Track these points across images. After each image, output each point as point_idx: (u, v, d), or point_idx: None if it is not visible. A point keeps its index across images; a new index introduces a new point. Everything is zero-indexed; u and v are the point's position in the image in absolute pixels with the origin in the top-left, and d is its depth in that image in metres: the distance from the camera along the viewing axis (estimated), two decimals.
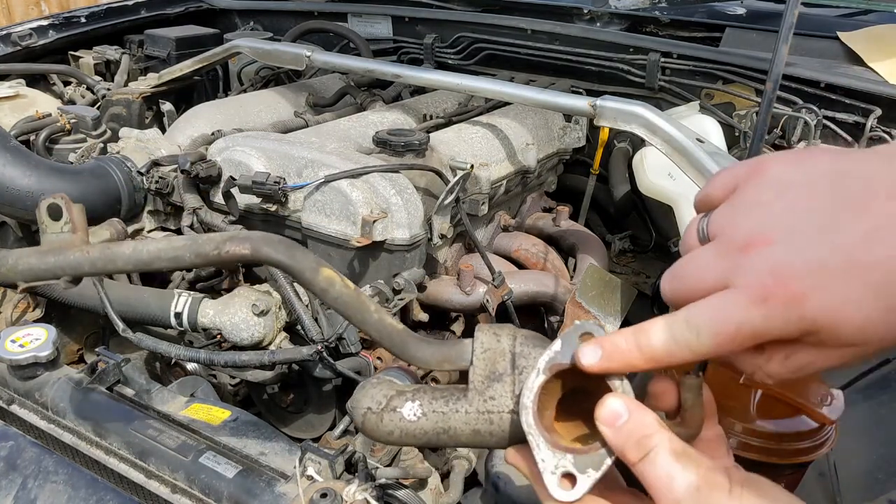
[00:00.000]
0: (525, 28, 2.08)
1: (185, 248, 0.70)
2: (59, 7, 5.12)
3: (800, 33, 1.86)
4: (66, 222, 0.75)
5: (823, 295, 0.43)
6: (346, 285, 0.67)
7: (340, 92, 2.01)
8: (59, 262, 0.73)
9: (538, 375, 0.52)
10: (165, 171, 1.58)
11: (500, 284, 1.47)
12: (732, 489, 0.46)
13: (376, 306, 0.66)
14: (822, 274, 0.43)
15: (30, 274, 0.74)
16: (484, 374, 0.57)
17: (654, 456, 0.48)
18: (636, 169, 1.76)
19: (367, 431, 0.59)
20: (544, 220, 1.82)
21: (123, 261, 0.72)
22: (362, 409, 0.60)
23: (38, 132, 1.85)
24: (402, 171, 1.44)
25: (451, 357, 0.61)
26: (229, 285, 1.51)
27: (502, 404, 0.56)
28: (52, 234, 0.75)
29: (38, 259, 0.73)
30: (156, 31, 2.38)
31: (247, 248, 0.68)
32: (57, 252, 0.74)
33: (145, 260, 0.71)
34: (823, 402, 0.74)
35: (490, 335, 0.58)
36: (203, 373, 1.52)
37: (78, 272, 0.74)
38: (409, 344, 0.64)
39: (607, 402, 0.50)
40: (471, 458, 1.21)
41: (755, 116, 1.72)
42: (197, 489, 0.95)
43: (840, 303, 0.43)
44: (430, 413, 0.57)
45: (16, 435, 1.07)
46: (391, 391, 0.60)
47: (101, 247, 0.73)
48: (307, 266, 0.68)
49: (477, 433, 0.56)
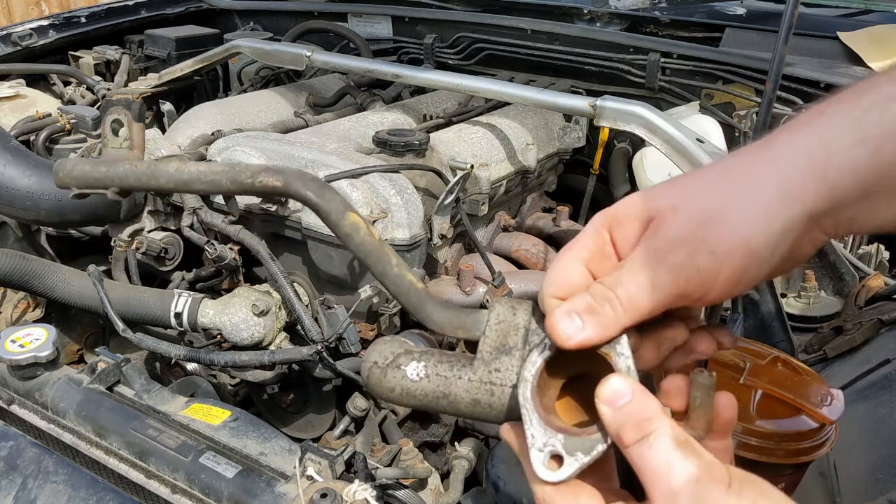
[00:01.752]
0: (525, 28, 2.08)
1: (222, 174, 0.72)
2: (59, 7, 5.12)
3: (800, 33, 1.86)
4: (126, 139, 0.78)
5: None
6: (370, 233, 0.67)
7: (340, 92, 2.01)
8: (109, 173, 0.76)
9: (543, 351, 0.52)
10: None
11: (500, 284, 1.47)
12: (732, 484, 0.45)
13: (398, 259, 0.66)
14: None
15: (83, 181, 0.77)
16: (494, 346, 0.56)
17: (653, 440, 0.46)
18: (636, 169, 1.76)
19: (370, 385, 0.60)
20: (544, 220, 1.82)
21: (166, 178, 0.74)
22: (369, 362, 0.60)
23: (38, 132, 1.85)
24: (402, 171, 1.44)
25: (466, 324, 0.60)
26: (229, 285, 1.51)
27: (506, 377, 0.55)
28: (112, 149, 0.78)
29: (92, 167, 0.77)
30: (156, 31, 2.38)
31: (279, 181, 0.70)
32: (109, 163, 0.76)
33: (185, 180, 0.73)
34: (823, 402, 0.74)
35: (507, 308, 0.57)
36: (203, 373, 1.52)
37: (125, 184, 0.76)
38: (427, 304, 0.63)
39: (610, 381, 0.49)
40: (471, 458, 1.21)
41: (755, 116, 1.72)
42: (197, 489, 0.95)
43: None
44: (433, 375, 0.57)
45: (16, 435, 1.07)
46: (399, 349, 0.60)
47: (148, 162, 0.76)
48: (334, 207, 0.68)
49: (476, 403, 0.56)
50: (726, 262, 0.49)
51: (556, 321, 0.51)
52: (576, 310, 0.51)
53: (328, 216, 0.68)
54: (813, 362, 1.24)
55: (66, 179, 0.78)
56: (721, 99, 1.84)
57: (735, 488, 0.45)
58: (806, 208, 0.49)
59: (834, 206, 0.49)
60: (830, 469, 0.88)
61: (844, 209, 0.50)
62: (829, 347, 1.24)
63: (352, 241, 0.67)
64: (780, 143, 0.51)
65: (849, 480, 0.86)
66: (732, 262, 0.49)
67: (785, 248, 0.50)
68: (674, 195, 0.52)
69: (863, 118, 0.48)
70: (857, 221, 0.51)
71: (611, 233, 0.53)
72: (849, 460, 0.89)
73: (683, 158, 1.34)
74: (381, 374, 0.59)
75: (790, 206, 0.49)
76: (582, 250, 0.54)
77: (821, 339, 1.28)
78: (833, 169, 0.48)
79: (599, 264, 0.53)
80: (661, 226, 0.51)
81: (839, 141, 0.49)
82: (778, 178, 0.49)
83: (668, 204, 0.51)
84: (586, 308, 0.50)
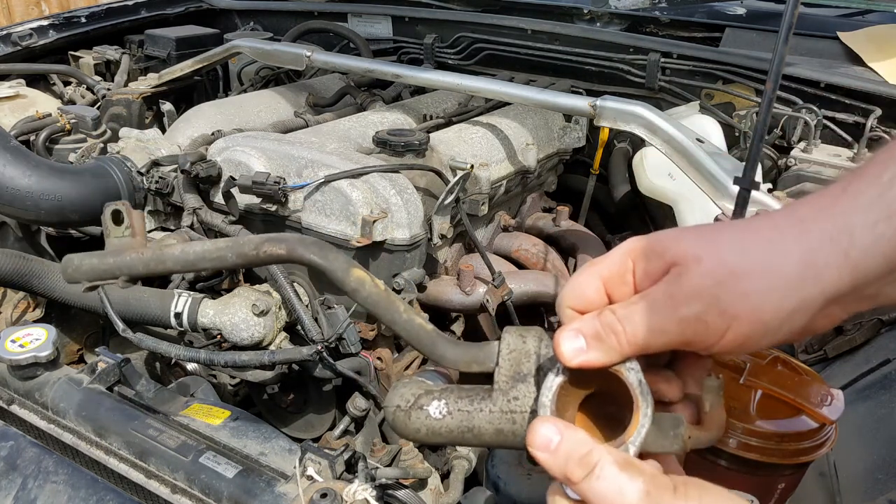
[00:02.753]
0: (525, 28, 2.08)
1: (227, 249, 0.75)
2: (59, 7, 5.12)
3: (800, 33, 1.87)
4: (127, 227, 0.82)
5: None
6: (375, 285, 0.69)
7: (340, 92, 2.01)
8: (116, 263, 0.79)
9: (557, 374, 0.53)
10: (165, 172, 1.58)
11: (500, 284, 1.47)
12: (677, 488, 0.48)
13: (406, 306, 0.68)
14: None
15: (92, 274, 0.81)
16: (509, 375, 0.58)
17: (599, 471, 0.48)
18: (636, 169, 1.76)
19: (396, 429, 0.61)
20: (544, 220, 1.82)
21: (172, 261, 0.78)
22: (392, 406, 0.61)
23: (38, 132, 1.85)
24: (402, 171, 1.44)
25: (478, 358, 0.62)
26: (229, 285, 1.51)
27: (525, 404, 0.57)
28: (115, 238, 0.82)
29: (99, 260, 0.80)
30: (156, 31, 2.38)
31: (283, 249, 0.73)
32: (115, 254, 0.80)
33: (192, 260, 0.77)
34: (823, 402, 0.74)
35: (516, 337, 0.59)
36: (203, 373, 1.52)
37: (133, 273, 0.79)
38: (438, 344, 0.65)
39: (536, 429, 0.51)
40: (471, 458, 1.21)
41: (755, 116, 1.72)
42: (197, 489, 0.95)
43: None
44: (455, 412, 0.59)
45: (16, 435, 1.07)
46: (420, 390, 0.61)
47: (152, 249, 0.79)
48: (339, 266, 0.71)
49: (500, 432, 0.57)
50: (733, 326, 0.50)
51: (563, 339, 0.52)
52: (583, 332, 0.52)
53: (334, 274, 0.72)
54: (813, 362, 1.24)
55: (76, 275, 0.81)
56: (721, 99, 1.84)
57: (681, 491, 0.48)
58: (825, 289, 0.49)
59: (857, 286, 0.50)
60: (830, 469, 0.88)
61: (868, 287, 0.50)
62: (829, 347, 1.24)
63: (359, 294, 0.70)
64: (807, 218, 0.51)
65: (849, 480, 0.86)
66: (739, 326, 0.50)
67: (796, 324, 0.51)
68: (700, 246, 0.52)
69: (884, 194, 0.48)
70: (883, 295, 0.51)
71: (634, 263, 0.55)
72: (849, 460, 0.89)
73: (683, 158, 1.34)
74: (405, 416, 0.60)
75: (808, 286, 0.49)
76: (604, 269, 0.55)
77: (821, 339, 1.28)
78: (857, 248, 0.49)
79: (617, 288, 0.55)
80: (683, 275, 0.52)
81: (863, 220, 0.49)
82: (800, 253, 0.50)
83: (693, 254, 0.52)
84: (593, 334, 0.52)
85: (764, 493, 0.74)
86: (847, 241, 0.49)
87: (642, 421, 0.51)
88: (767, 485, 0.74)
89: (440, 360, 0.65)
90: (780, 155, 1.70)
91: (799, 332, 0.52)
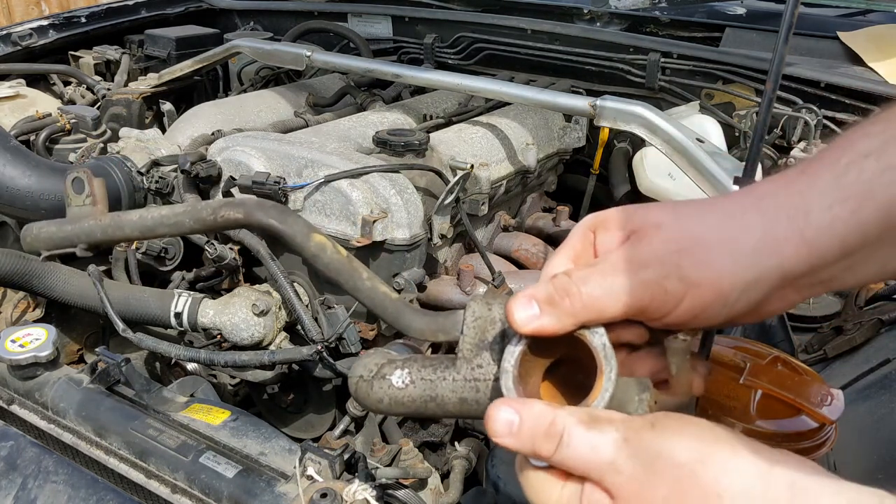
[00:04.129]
0: (525, 28, 2.08)
1: (184, 214, 0.73)
2: (59, 7, 5.12)
3: (800, 33, 1.87)
4: (88, 195, 0.79)
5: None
6: (337, 251, 0.67)
7: (340, 92, 2.01)
8: (75, 231, 0.77)
9: (520, 341, 0.52)
10: (165, 171, 1.58)
11: (500, 284, 1.47)
12: (654, 424, 0.47)
13: (369, 273, 0.66)
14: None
15: (50, 242, 0.79)
16: (473, 343, 0.57)
17: (567, 438, 0.47)
18: (636, 169, 1.76)
19: (359, 399, 0.61)
20: (544, 220, 1.82)
21: (130, 227, 0.75)
22: (355, 377, 0.61)
23: (38, 132, 1.85)
24: (402, 171, 1.44)
25: (444, 327, 0.61)
26: (229, 285, 1.51)
27: (488, 372, 0.56)
28: (76, 207, 0.80)
29: (58, 228, 0.78)
30: (156, 31, 2.37)
31: (240, 213, 0.71)
32: (74, 221, 0.77)
33: (149, 226, 0.75)
34: (823, 402, 0.74)
35: (482, 304, 0.58)
36: (203, 373, 1.52)
37: (91, 239, 0.77)
38: (404, 313, 0.64)
39: (493, 416, 0.49)
40: (471, 458, 1.21)
41: (755, 116, 1.72)
42: (197, 489, 0.95)
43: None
44: (418, 381, 0.58)
45: (16, 435, 1.07)
46: (383, 360, 0.61)
47: (111, 216, 0.77)
48: (298, 231, 0.69)
49: (463, 401, 0.57)
50: (691, 292, 0.50)
51: (516, 307, 0.51)
52: (536, 297, 0.51)
53: (293, 239, 0.69)
54: (813, 362, 1.24)
55: (35, 243, 0.79)
56: (721, 99, 1.84)
57: (658, 426, 0.47)
58: (782, 263, 0.50)
59: (813, 267, 0.50)
60: (830, 469, 0.88)
61: (824, 269, 0.50)
62: (829, 347, 1.24)
63: (320, 261, 0.68)
64: (767, 195, 0.51)
65: (848, 480, 0.86)
66: (697, 293, 0.50)
67: (752, 298, 0.51)
68: (662, 215, 0.53)
69: (841, 177, 0.49)
70: (838, 280, 0.52)
71: (595, 234, 0.55)
72: (849, 460, 0.89)
73: (683, 158, 1.34)
74: (367, 386, 0.60)
75: (767, 257, 0.50)
76: (570, 250, 0.55)
77: (821, 339, 1.27)
78: (812, 228, 0.49)
79: (585, 263, 0.54)
80: (642, 240, 0.52)
81: (819, 202, 0.49)
82: (761, 228, 0.50)
83: (653, 221, 0.52)
84: (546, 298, 0.51)
85: None
86: (803, 220, 0.49)
87: (605, 385, 0.50)
88: None
89: (406, 331, 0.64)
90: (780, 155, 1.70)
91: (753, 310, 0.52)
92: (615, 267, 0.51)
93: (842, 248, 0.49)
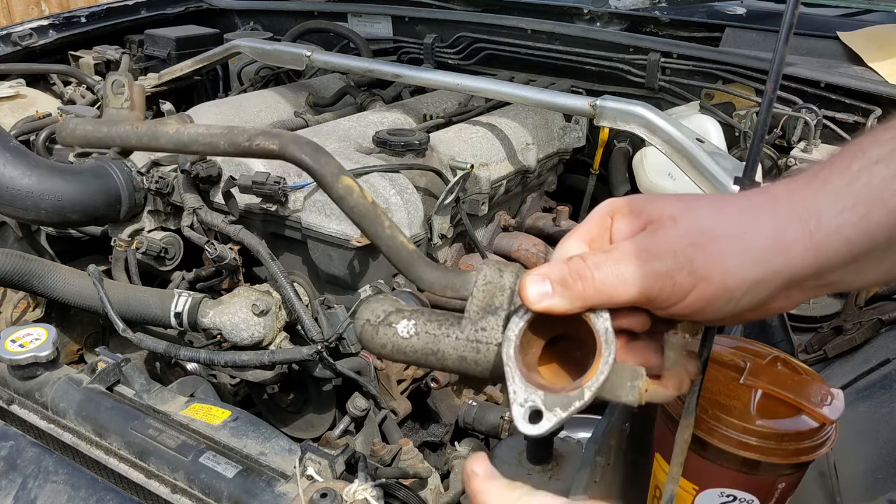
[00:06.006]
0: (525, 28, 2.08)
1: (220, 136, 0.73)
2: (59, 7, 5.12)
3: (800, 33, 1.87)
4: (127, 99, 0.79)
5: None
6: (363, 196, 0.68)
7: (340, 92, 2.01)
8: (110, 133, 0.77)
9: (526, 312, 0.54)
10: (165, 171, 1.58)
11: None
12: None
13: (391, 222, 0.67)
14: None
15: (84, 140, 0.79)
16: (480, 306, 0.58)
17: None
18: (636, 169, 1.76)
19: (363, 342, 0.62)
20: (544, 220, 1.82)
21: (166, 139, 0.75)
22: (362, 320, 0.62)
23: (38, 132, 1.85)
24: (402, 171, 1.44)
25: (454, 285, 0.62)
26: (229, 285, 1.51)
27: (492, 336, 0.57)
28: (113, 109, 0.80)
29: (94, 127, 0.78)
30: (156, 31, 2.38)
31: (275, 144, 0.71)
32: (111, 123, 0.77)
33: (185, 141, 0.74)
34: (823, 401, 0.74)
35: (494, 270, 0.59)
36: (203, 373, 1.52)
37: (126, 144, 0.77)
38: (417, 264, 0.65)
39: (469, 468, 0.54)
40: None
41: (755, 116, 1.72)
42: (197, 489, 0.95)
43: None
44: (422, 333, 0.59)
45: (16, 435, 1.07)
46: (391, 307, 0.62)
47: (148, 124, 0.77)
48: (329, 171, 0.69)
49: (463, 360, 0.58)
50: (699, 286, 0.51)
51: (529, 283, 0.53)
52: (550, 276, 0.53)
53: (323, 179, 0.69)
54: (813, 362, 1.24)
55: (69, 139, 0.79)
56: (721, 99, 1.84)
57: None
58: (790, 264, 0.51)
59: (820, 269, 0.51)
60: (830, 469, 0.88)
61: (831, 272, 0.52)
62: (829, 347, 1.24)
63: (345, 203, 0.68)
64: (780, 197, 0.53)
65: (849, 480, 0.86)
66: (705, 287, 0.51)
67: (758, 296, 0.52)
68: (678, 208, 0.54)
69: (852, 183, 0.50)
70: (844, 282, 0.53)
71: (612, 220, 0.56)
72: (849, 460, 0.89)
73: (683, 158, 1.34)
74: (373, 330, 0.61)
75: (776, 258, 0.51)
76: (585, 232, 0.57)
77: (821, 339, 1.27)
78: (821, 232, 0.50)
79: (600, 247, 0.55)
80: (658, 231, 0.53)
81: (830, 206, 0.50)
82: (773, 228, 0.51)
83: (670, 213, 0.53)
84: (560, 279, 0.52)
85: (764, 493, 0.74)
86: (814, 223, 0.50)
87: (602, 368, 0.51)
88: (767, 484, 0.74)
89: (417, 281, 0.65)
90: (780, 155, 1.70)
91: (757, 307, 0.53)
92: (629, 256, 0.52)
93: (849, 251, 0.50)
